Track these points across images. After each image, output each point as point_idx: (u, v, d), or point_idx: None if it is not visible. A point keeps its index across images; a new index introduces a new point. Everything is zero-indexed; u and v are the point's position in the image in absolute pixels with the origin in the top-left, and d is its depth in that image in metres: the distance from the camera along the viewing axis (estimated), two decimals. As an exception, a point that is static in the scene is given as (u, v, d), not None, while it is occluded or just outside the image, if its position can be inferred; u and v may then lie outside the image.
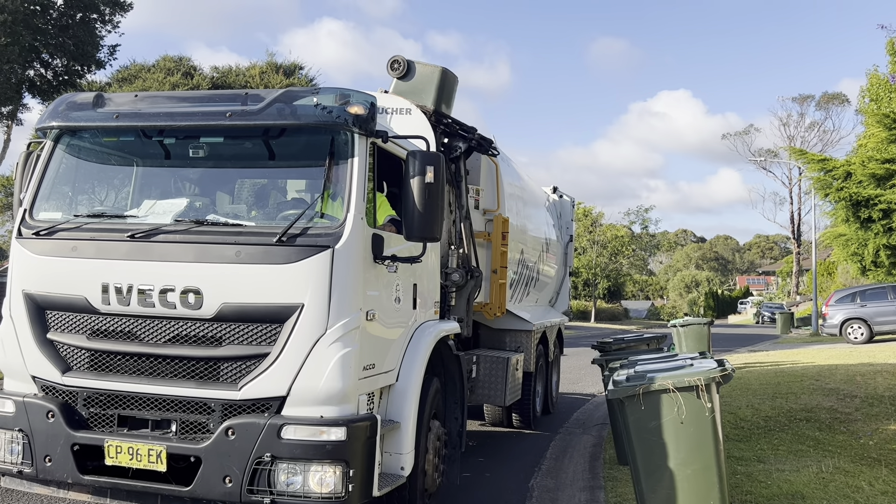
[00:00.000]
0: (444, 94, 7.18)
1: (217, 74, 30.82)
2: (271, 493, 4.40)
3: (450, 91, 7.31)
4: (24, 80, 18.88)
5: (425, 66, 7.12)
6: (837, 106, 58.64)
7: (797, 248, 60.90)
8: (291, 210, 4.96)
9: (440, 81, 7.10)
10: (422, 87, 7.04)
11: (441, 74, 7.12)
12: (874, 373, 12.35)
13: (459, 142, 7.31)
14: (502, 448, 8.98)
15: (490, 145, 7.91)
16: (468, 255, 7.34)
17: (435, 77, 7.09)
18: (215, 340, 4.62)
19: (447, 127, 7.11)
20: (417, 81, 7.07)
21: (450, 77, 7.26)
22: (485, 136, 7.73)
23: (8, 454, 4.90)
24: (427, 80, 7.08)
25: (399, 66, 7.05)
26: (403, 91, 7.01)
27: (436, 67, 7.11)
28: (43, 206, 5.20)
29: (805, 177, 34.75)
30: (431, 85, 7.06)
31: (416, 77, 7.10)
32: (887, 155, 24.03)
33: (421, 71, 7.12)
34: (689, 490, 4.93)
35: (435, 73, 7.09)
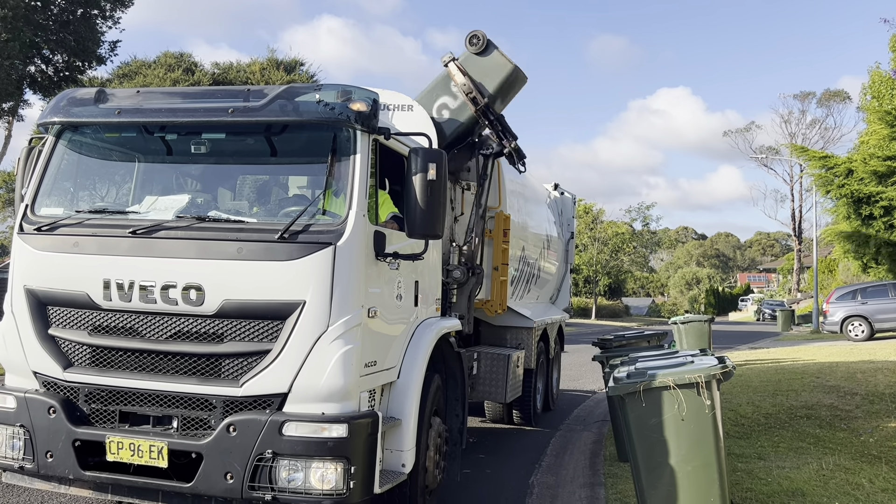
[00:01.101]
0: (504, 90, 7.07)
1: (218, 71, 30.81)
2: (272, 489, 4.41)
3: (510, 89, 7.17)
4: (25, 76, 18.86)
5: (502, 56, 6.97)
6: (839, 103, 58.61)
7: (798, 246, 60.88)
8: (293, 207, 4.96)
9: (507, 76, 6.96)
10: (489, 71, 6.91)
11: (512, 70, 6.98)
12: (875, 370, 12.35)
13: (495, 142, 7.29)
14: (503, 445, 8.99)
15: (521, 160, 7.84)
16: (475, 252, 7.34)
17: (505, 70, 6.95)
18: (217, 337, 4.62)
19: (491, 123, 7.07)
20: (488, 63, 6.92)
21: (519, 77, 7.11)
22: (521, 149, 7.66)
23: (9, 450, 4.90)
24: (497, 68, 6.94)
25: (478, 42, 6.91)
26: (471, 64, 6.89)
27: (510, 62, 6.98)
28: (44, 201, 5.19)
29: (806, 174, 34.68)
30: (499, 75, 6.93)
31: (489, 59, 6.94)
32: (889, 152, 24.02)
33: (496, 57, 6.96)
34: (690, 487, 4.94)
35: (507, 66, 6.96)
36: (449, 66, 6.90)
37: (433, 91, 7.06)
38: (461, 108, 6.96)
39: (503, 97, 7.16)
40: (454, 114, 6.97)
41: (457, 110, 6.98)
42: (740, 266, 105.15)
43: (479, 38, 6.89)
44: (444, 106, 7.01)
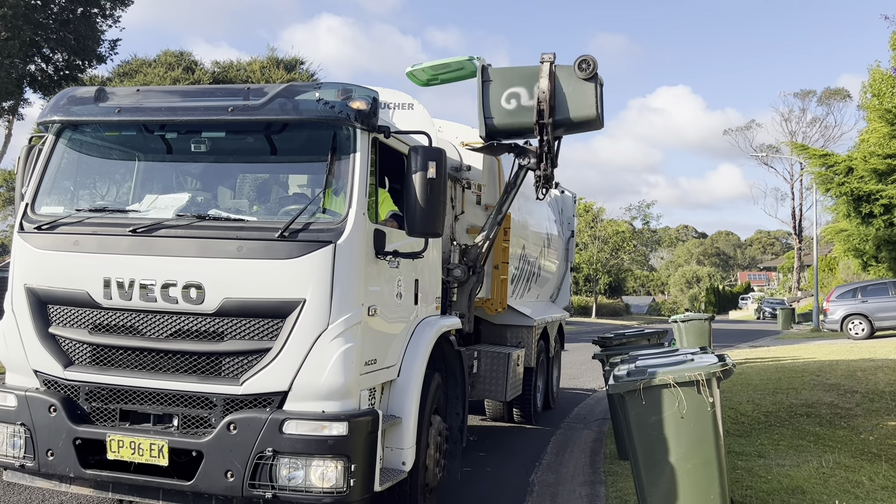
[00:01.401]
0: (574, 126, 6.89)
1: (218, 69, 30.82)
2: (273, 487, 4.41)
3: (580, 128, 7.00)
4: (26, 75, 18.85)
5: (594, 96, 6.67)
6: (839, 101, 58.54)
7: (798, 244, 60.85)
8: (293, 205, 4.96)
9: (586, 118, 6.74)
10: (574, 99, 6.65)
11: (594, 117, 6.74)
12: (875, 368, 12.36)
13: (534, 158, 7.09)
14: (503, 443, 8.99)
15: (547, 186, 7.63)
16: (483, 255, 7.34)
17: (587, 111, 6.69)
18: (217, 335, 4.62)
19: (542, 141, 6.87)
20: (579, 92, 6.66)
21: (596, 124, 6.87)
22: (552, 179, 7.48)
23: (10, 448, 4.91)
24: (583, 104, 6.67)
25: (587, 68, 6.63)
26: (564, 80, 6.61)
27: (596, 108, 6.70)
28: (45, 200, 5.20)
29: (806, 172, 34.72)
30: (580, 110, 6.67)
31: (583, 88, 6.65)
32: (889, 150, 24.02)
33: (589, 92, 6.65)
34: (690, 484, 4.94)
35: (591, 109, 6.69)
36: (543, 65, 6.63)
37: (515, 76, 6.76)
38: (528, 109, 6.70)
39: (569, 129, 6.98)
40: (520, 110, 6.72)
41: (524, 109, 6.72)
42: (740, 264, 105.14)
43: (588, 63, 6.64)
44: (516, 96, 6.73)
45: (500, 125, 6.82)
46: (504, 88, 6.72)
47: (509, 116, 6.73)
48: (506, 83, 6.74)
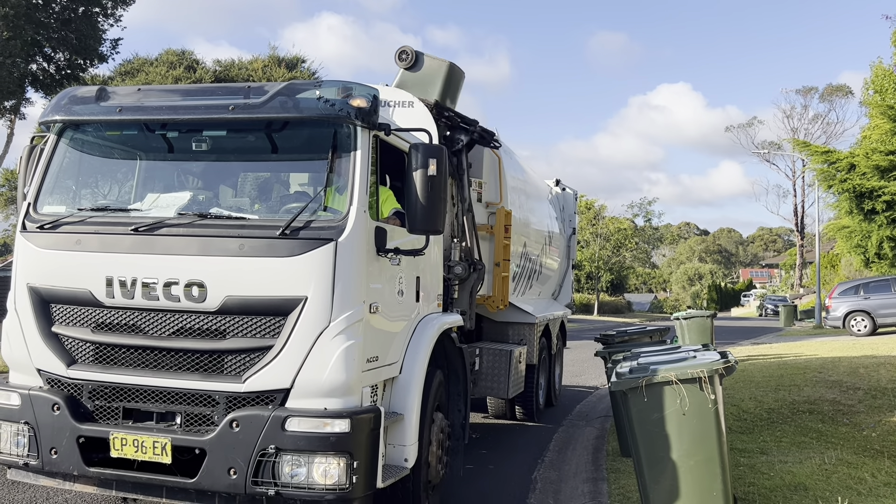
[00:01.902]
0: (450, 89, 7.13)
1: (220, 68, 30.82)
2: (276, 484, 4.42)
3: (456, 86, 7.25)
4: (27, 75, 18.86)
5: (433, 60, 7.07)
6: (841, 98, 58.45)
7: (801, 241, 60.81)
8: (294, 203, 4.97)
9: (447, 75, 7.05)
10: (428, 80, 6.98)
11: (448, 69, 7.08)
12: (877, 365, 12.35)
13: (461, 134, 7.27)
14: (505, 440, 9.01)
15: (492, 137, 7.89)
16: (471, 247, 7.35)
17: (442, 71, 7.04)
18: (219, 333, 4.63)
19: (449, 120, 7.08)
20: (424, 74, 7.01)
21: (456, 72, 7.21)
22: (486, 128, 7.72)
23: (14, 446, 4.92)
24: (433, 73, 7.02)
25: (407, 57, 6.98)
26: (409, 82, 6.96)
27: (443, 62, 7.06)
28: (47, 199, 5.21)
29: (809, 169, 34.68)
30: (438, 78, 7.00)
31: (423, 69, 7.03)
32: (891, 147, 24.01)
33: (428, 64, 7.06)
34: (692, 481, 4.95)
35: (442, 66, 7.04)
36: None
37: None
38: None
39: (451, 96, 7.19)
40: None
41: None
42: (742, 261, 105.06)
43: (407, 53, 6.96)
44: None
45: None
46: None
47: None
48: None
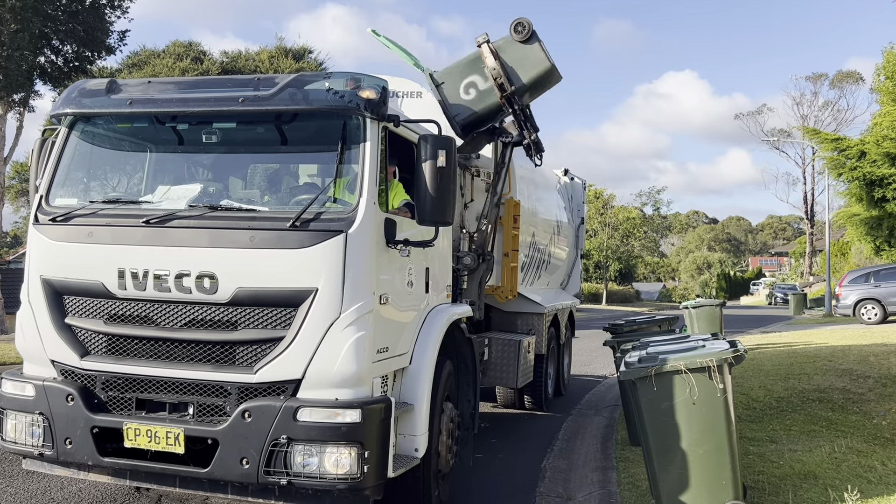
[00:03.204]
0: (538, 86, 6.87)
1: (227, 59, 30.83)
2: (288, 474, 4.46)
3: (544, 86, 6.98)
4: (35, 67, 18.90)
5: (541, 51, 6.72)
6: (852, 84, 57.87)
7: (810, 229, 60.45)
8: (304, 195, 4.98)
9: (543, 72, 6.74)
10: (524, 63, 6.67)
11: (548, 69, 6.76)
12: (888, 353, 12.30)
13: (515, 131, 7.20)
14: (515, 429, 9.04)
15: (539, 152, 7.71)
16: (487, 239, 7.36)
17: (541, 66, 6.71)
18: (231, 324, 4.66)
19: (515, 112, 6.92)
20: (525, 55, 6.68)
21: (553, 75, 6.88)
22: (540, 142, 7.51)
23: (29, 437, 4.98)
24: (534, 62, 6.70)
25: (523, 30, 6.64)
26: (507, 51, 6.65)
27: (548, 59, 6.74)
28: (59, 192, 5.24)
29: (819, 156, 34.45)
30: (534, 68, 6.70)
31: (527, 50, 6.68)
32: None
33: (535, 50, 6.69)
34: (702, 470, 4.96)
35: (544, 63, 6.72)
36: (482, 48, 6.67)
37: (463, 68, 6.81)
38: (488, 91, 6.73)
39: (533, 91, 6.95)
40: (480, 95, 6.75)
41: (484, 92, 6.75)
42: (752, 250, 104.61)
43: (524, 26, 6.64)
44: (473, 85, 6.76)
45: (470, 117, 6.82)
46: (458, 83, 6.76)
47: (474, 104, 6.76)
48: (457, 78, 6.78)
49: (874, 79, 28.49)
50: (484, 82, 6.73)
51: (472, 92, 6.73)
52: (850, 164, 24.89)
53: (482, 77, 6.73)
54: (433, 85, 6.72)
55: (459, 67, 6.82)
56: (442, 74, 6.77)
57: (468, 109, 6.74)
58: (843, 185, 26.72)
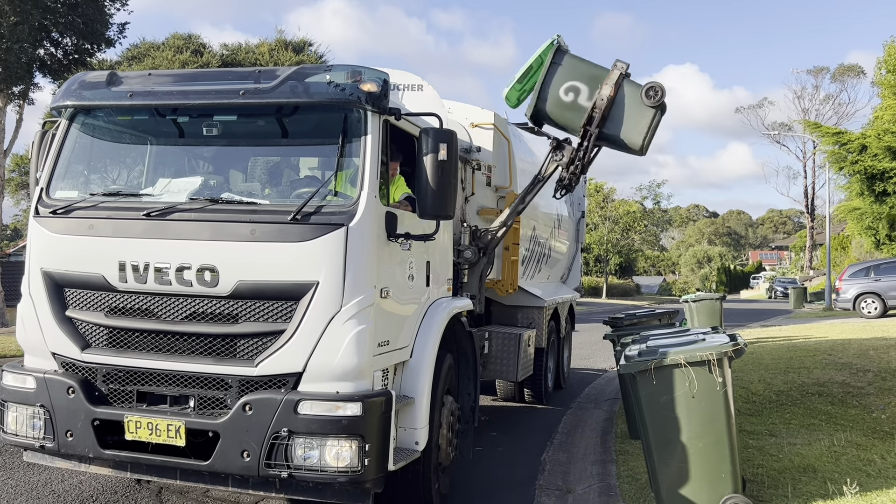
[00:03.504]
0: (617, 144, 6.67)
1: (227, 52, 30.74)
2: (288, 467, 4.47)
3: (621, 147, 6.76)
4: (35, 60, 18.83)
5: (649, 125, 6.49)
6: (853, 78, 57.78)
7: (811, 223, 60.46)
8: (305, 188, 4.97)
9: (631, 141, 6.55)
10: (630, 119, 6.42)
11: (637, 145, 6.56)
12: (887, 347, 12.31)
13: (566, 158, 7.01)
14: (514, 423, 9.06)
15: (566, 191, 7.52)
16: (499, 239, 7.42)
17: (636, 136, 6.48)
18: (231, 317, 4.67)
19: (580, 146, 6.78)
20: (635, 114, 6.45)
21: (636, 151, 6.71)
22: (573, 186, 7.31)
23: (30, 429, 4.99)
24: (634, 125, 6.46)
25: (654, 95, 6.41)
26: (626, 96, 6.39)
27: (645, 136, 6.51)
28: (59, 184, 5.24)
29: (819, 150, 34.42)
30: (629, 132, 6.47)
31: (642, 112, 6.44)
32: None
33: (645, 117, 6.47)
34: (701, 463, 4.98)
35: (640, 135, 6.48)
36: (613, 72, 6.41)
37: (583, 70, 6.54)
38: (580, 110, 6.50)
39: (610, 144, 6.74)
40: (572, 106, 6.53)
41: (576, 107, 6.52)
42: (752, 244, 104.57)
43: (656, 91, 6.40)
44: (576, 92, 6.53)
45: (550, 113, 6.62)
46: (568, 78, 6.50)
47: (561, 108, 6.52)
48: (571, 74, 6.51)
49: (875, 72, 28.45)
50: (585, 100, 6.51)
51: (569, 96, 6.54)
52: (852, 158, 24.86)
53: (588, 94, 6.50)
54: (551, 59, 6.42)
55: (580, 67, 6.57)
56: (565, 58, 6.48)
57: (553, 105, 6.55)
58: (844, 178, 26.74)
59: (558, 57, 6.55)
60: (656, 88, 6.38)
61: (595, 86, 6.48)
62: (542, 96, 6.52)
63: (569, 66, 6.56)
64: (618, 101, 6.41)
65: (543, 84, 6.49)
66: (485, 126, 8.01)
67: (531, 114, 6.71)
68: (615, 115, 6.46)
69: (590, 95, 6.49)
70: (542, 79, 6.50)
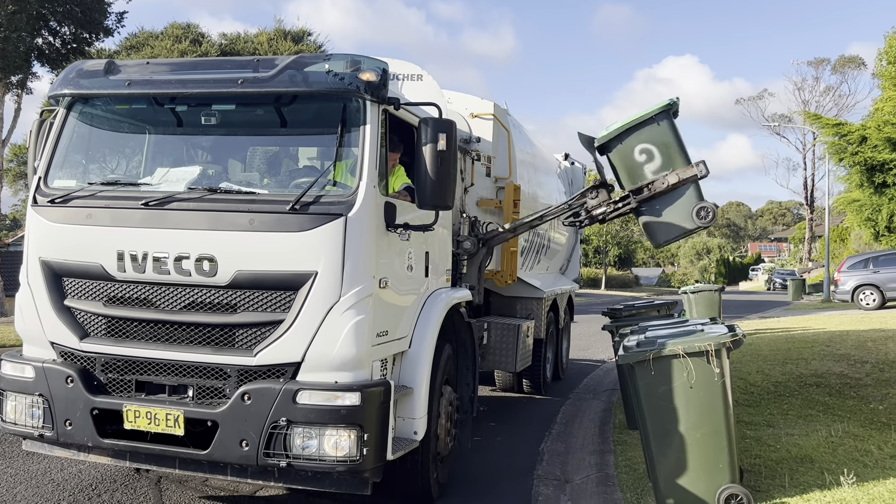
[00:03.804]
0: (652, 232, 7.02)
1: (225, 42, 30.64)
2: (287, 456, 4.48)
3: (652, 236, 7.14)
4: (33, 49, 18.75)
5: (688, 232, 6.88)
6: (854, 69, 57.63)
7: (810, 215, 60.43)
8: (304, 178, 4.96)
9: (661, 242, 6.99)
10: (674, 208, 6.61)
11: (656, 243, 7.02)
12: (885, 338, 12.33)
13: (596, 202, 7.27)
14: (513, 413, 9.08)
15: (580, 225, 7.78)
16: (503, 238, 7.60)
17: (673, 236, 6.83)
18: (230, 307, 4.66)
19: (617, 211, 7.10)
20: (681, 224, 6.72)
21: (659, 245, 7.23)
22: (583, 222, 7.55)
23: (29, 418, 4.99)
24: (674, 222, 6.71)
25: (704, 216, 6.69)
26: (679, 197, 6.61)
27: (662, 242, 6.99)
28: (57, 173, 5.22)
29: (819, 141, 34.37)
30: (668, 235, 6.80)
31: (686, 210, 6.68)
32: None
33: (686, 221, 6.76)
34: (699, 453, 4.99)
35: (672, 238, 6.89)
36: (691, 167, 6.55)
37: (668, 142, 6.63)
38: (640, 175, 6.68)
39: (638, 219, 7.02)
40: (637, 167, 6.68)
41: (639, 169, 6.68)
42: (751, 235, 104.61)
43: (707, 213, 6.58)
44: (649, 156, 6.65)
45: (615, 157, 6.70)
46: (652, 140, 6.60)
47: (627, 160, 6.61)
48: (657, 138, 6.61)
49: (876, 64, 28.38)
50: (650, 171, 6.59)
51: (641, 157, 6.64)
52: (851, 150, 24.84)
53: (656, 167, 6.59)
54: (660, 112, 6.55)
55: (668, 138, 6.64)
56: (664, 122, 6.59)
57: (622, 153, 6.67)
58: (844, 170, 26.72)
59: (661, 117, 6.59)
60: (708, 210, 6.56)
61: (668, 165, 6.56)
62: (622, 138, 6.59)
63: (662, 130, 6.62)
64: (672, 195, 6.51)
65: (631, 129, 6.56)
66: (484, 116, 7.99)
67: (602, 142, 6.77)
68: (660, 204, 6.60)
69: (657, 169, 6.58)
70: (634, 124, 6.58)
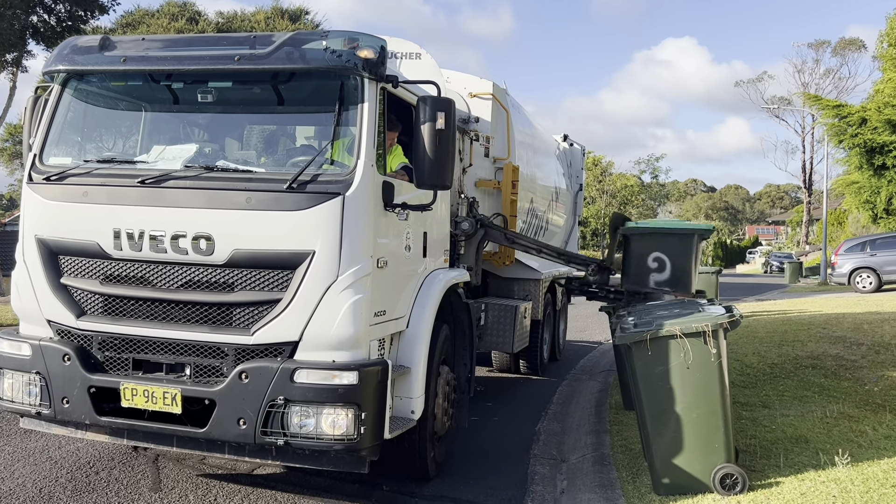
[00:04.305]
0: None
1: (222, 20, 30.39)
2: (285, 434, 4.49)
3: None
4: (28, 27, 18.58)
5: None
6: (854, 52, 57.42)
7: (808, 198, 60.45)
8: (301, 156, 4.92)
9: None
10: None
11: None
12: (881, 321, 12.38)
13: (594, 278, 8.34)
14: (510, 393, 9.11)
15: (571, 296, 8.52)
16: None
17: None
18: (227, 286, 4.65)
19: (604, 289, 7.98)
20: None
21: None
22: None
23: (26, 396, 5.00)
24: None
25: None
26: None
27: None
28: (52, 151, 5.18)
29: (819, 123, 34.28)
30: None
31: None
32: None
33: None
34: (695, 433, 5.01)
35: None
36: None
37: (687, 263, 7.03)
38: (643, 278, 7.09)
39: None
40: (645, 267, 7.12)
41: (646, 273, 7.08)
42: (749, 218, 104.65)
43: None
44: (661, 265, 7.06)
45: (628, 247, 7.08)
46: (672, 254, 6.92)
47: (637, 260, 7.00)
48: (677, 254, 6.94)
49: (877, 46, 28.24)
50: (653, 279, 6.97)
51: (653, 264, 7.00)
52: (851, 131, 24.78)
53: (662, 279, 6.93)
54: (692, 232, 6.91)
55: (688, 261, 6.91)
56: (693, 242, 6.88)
57: (635, 250, 7.12)
58: (843, 152, 26.68)
59: (688, 239, 6.91)
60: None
61: (674, 283, 6.91)
62: (645, 232, 6.95)
63: (686, 247, 6.89)
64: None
65: (657, 233, 6.90)
66: (483, 96, 7.95)
67: (628, 233, 7.08)
68: None
69: (661, 282, 6.96)
70: (662, 229, 6.92)
